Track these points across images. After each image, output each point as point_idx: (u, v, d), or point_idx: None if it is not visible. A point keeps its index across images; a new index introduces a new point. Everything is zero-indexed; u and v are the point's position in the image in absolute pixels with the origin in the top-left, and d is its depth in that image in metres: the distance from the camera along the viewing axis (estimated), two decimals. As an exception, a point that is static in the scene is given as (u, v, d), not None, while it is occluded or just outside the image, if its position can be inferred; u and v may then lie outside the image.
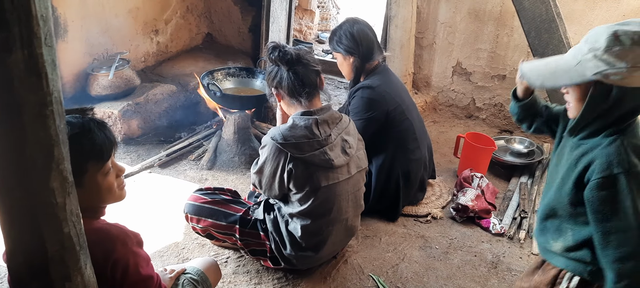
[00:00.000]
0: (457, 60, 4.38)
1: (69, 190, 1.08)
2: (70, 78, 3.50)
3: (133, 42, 4.03)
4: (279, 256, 2.33)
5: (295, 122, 2.15)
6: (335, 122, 2.22)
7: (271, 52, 2.18)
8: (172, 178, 3.24)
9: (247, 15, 4.74)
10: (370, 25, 2.89)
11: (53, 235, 1.09)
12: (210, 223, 2.37)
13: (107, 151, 1.46)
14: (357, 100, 2.77)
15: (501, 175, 3.54)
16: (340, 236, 2.38)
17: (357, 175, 2.32)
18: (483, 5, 4.08)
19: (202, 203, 2.40)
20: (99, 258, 1.37)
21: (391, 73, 2.98)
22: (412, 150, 2.87)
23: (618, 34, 1.34)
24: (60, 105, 1.00)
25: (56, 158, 1.02)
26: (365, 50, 2.78)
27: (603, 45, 1.36)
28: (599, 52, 1.37)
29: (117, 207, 1.62)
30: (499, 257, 2.70)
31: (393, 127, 2.81)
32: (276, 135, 2.11)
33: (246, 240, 2.37)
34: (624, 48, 1.33)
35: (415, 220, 2.98)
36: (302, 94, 2.17)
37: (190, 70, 4.19)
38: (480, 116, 4.47)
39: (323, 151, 2.13)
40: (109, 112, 3.42)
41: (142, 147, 3.55)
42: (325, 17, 6.68)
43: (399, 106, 2.81)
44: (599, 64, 1.37)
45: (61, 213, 1.08)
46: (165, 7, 4.31)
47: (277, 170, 2.13)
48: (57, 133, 1.00)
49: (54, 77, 0.97)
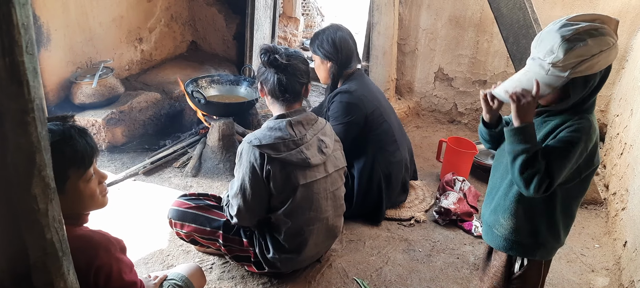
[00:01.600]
0: (439, 66, 4.44)
1: (51, 196, 1.09)
2: (54, 87, 3.49)
3: (117, 50, 4.03)
4: (262, 260, 2.35)
5: (269, 125, 2.21)
6: (311, 123, 2.28)
7: (263, 54, 2.23)
8: (157, 185, 3.24)
9: (232, 23, 4.77)
10: (352, 34, 2.94)
11: (35, 241, 1.09)
12: (193, 229, 2.39)
13: (88, 158, 1.47)
14: (336, 105, 2.81)
15: (483, 178, 3.60)
16: (322, 237, 2.40)
17: (334, 174, 2.36)
18: (463, 12, 4.15)
19: (186, 209, 2.42)
20: (82, 265, 1.37)
21: (367, 78, 3.04)
22: (392, 152, 2.92)
23: (567, 37, 1.48)
24: (41, 113, 1.01)
25: (38, 164, 1.02)
26: (344, 58, 2.83)
27: (562, 53, 1.49)
28: (561, 58, 1.50)
29: (101, 214, 1.63)
30: (481, 258, 2.74)
31: (372, 130, 2.86)
32: (252, 140, 2.16)
33: (229, 246, 2.39)
34: (578, 45, 1.47)
35: (398, 223, 3.02)
36: (282, 99, 2.23)
37: (174, 78, 4.19)
38: (462, 121, 4.53)
39: (299, 150, 2.18)
40: (93, 120, 3.42)
41: (127, 155, 3.55)
42: (310, 24, 6.72)
43: (376, 109, 2.86)
44: (566, 65, 1.50)
45: (43, 220, 1.08)
46: (149, 16, 4.32)
47: (257, 175, 2.16)
48: (38, 140, 1.01)
49: (36, 85, 0.98)
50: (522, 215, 1.75)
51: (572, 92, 1.56)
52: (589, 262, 2.76)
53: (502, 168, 1.83)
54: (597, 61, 1.49)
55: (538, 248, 1.78)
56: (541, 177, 1.55)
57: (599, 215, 3.19)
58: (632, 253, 2.51)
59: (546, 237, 1.75)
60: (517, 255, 1.83)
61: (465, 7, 4.13)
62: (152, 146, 3.66)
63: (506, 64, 4.08)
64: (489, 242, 1.91)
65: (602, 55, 1.48)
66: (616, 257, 2.75)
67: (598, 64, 1.50)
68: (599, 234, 3.01)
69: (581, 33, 1.48)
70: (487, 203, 1.92)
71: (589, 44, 1.47)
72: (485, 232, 1.92)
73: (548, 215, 1.72)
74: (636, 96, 3.15)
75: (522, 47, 2.95)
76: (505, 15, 2.93)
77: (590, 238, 2.97)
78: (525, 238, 1.77)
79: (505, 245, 1.82)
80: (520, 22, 2.92)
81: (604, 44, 1.48)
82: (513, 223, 1.77)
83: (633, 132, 3.04)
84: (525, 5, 2.90)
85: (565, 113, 1.62)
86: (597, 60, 1.48)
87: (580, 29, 1.48)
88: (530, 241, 1.77)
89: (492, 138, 1.88)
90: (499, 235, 1.83)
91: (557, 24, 1.54)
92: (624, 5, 3.59)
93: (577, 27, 1.49)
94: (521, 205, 1.74)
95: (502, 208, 1.80)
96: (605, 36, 1.48)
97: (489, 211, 1.88)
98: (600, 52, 1.47)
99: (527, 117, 1.59)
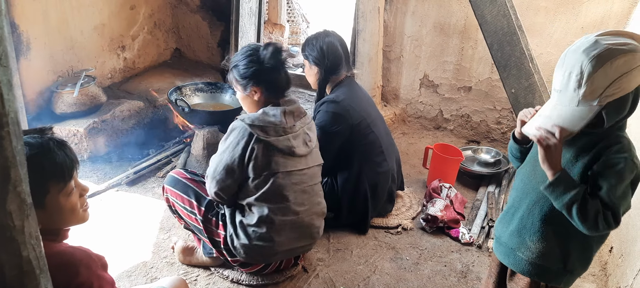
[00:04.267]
0: (424, 73, 4.45)
1: (27, 212, 1.05)
2: (34, 96, 3.43)
3: (99, 58, 3.97)
4: (232, 247, 2.34)
5: (265, 110, 2.25)
6: (300, 115, 2.35)
7: (273, 53, 2.25)
8: (140, 196, 3.19)
9: (216, 30, 4.74)
10: (343, 41, 2.93)
11: (11, 259, 1.06)
12: (179, 197, 2.44)
13: (68, 170, 1.43)
14: (322, 114, 2.79)
15: (469, 185, 3.60)
16: (297, 232, 2.37)
17: (314, 168, 2.41)
18: (448, 19, 4.17)
19: (181, 178, 2.49)
20: (62, 283, 1.33)
21: (357, 86, 3.01)
22: (379, 162, 2.90)
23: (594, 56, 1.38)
24: (17, 126, 0.98)
25: (13, 180, 0.99)
26: (331, 64, 2.83)
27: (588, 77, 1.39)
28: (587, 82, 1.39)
29: (83, 226, 1.59)
30: (468, 266, 2.73)
31: (358, 140, 2.84)
32: (245, 118, 2.21)
33: (206, 225, 2.41)
34: (608, 63, 1.37)
35: (386, 231, 3.00)
36: (281, 94, 2.33)
37: (158, 86, 4.14)
38: (448, 127, 4.54)
39: (287, 138, 2.23)
40: (75, 130, 3.36)
41: (109, 164, 3.49)
42: (295, 31, 6.71)
43: (363, 120, 2.84)
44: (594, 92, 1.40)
45: (19, 237, 1.05)
46: (132, 23, 4.27)
47: (242, 151, 2.19)
48: (13, 155, 0.97)
49: (10, 98, 0.94)
50: (552, 238, 1.65)
51: (607, 118, 1.45)
52: (575, 267, 2.77)
53: (522, 186, 1.74)
54: (627, 81, 1.38)
55: (564, 275, 1.69)
56: (603, 212, 1.46)
57: (584, 220, 3.21)
58: (618, 259, 2.52)
59: (575, 263, 1.67)
60: (542, 281, 1.72)
61: (449, 14, 4.15)
62: (135, 156, 3.61)
63: (491, 71, 4.10)
64: (511, 265, 1.79)
65: (633, 73, 1.37)
66: (602, 263, 2.76)
67: (629, 84, 1.39)
68: (584, 240, 3.02)
69: (609, 51, 1.37)
70: (504, 223, 1.82)
71: (617, 61, 1.36)
72: (505, 254, 1.80)
73: (582, 238, 1.61)
74: (619, 102, 3.18)
75: (506, 53, 2.97)
76: (490, 22, 2.95)
77: (576, 244, 2.98)
78: (553, 264, 1.68)
79: (531, 269, 1.71)
80: (505, 29, 2.94)
81: (632, 61, 1.37)
82: (542, 247, 1.67)
83: (617, 138, 3.06)
84: (509, 12, 2.92)
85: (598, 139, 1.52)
86: (627, 80, 1.38)
87: (608, 47, 1.37)
88: (559, 267, 1.68)
89: (523, 154, 1.80)
90: (524, 258, 1.72)
91: (583, 42, 1.43)
92: (607, 12, 3.63)
93: (604, 44, 1.38)
94: (552, 228, 1.65)
95: (530, 230, 1.69)
96: (636, 53, 1.37)
97: (508, 232, 1.78)
98: (630, 70, 1.37)
99: (555, 162, 1.49)
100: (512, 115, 4.11)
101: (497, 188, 3.45)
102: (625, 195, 1.48)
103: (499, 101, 4.19)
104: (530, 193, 1.70)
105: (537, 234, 1.68)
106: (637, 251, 2.28)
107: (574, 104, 1.44)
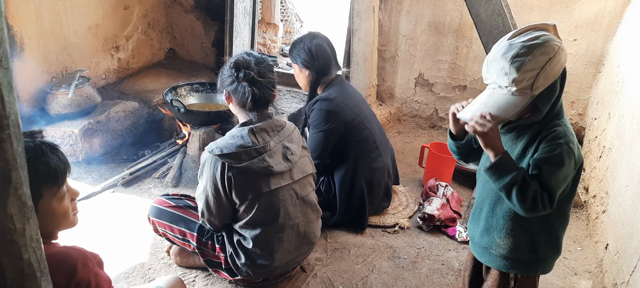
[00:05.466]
0: (419, 72, 4.46)
1: (28, 215, 1.05)
2: (28, 97, 3.40)
3: (93, 59, 3.95)
4: (233, 267, 2.32)
5: (232, 133, 2.19)
6: (276, 129, 2.24)
7: (236, 70, 2.19)
8: (137, 197, 3.17)
9: (210, 30, 4.72)
10: (329, 40, 2.94)
11: (12, 262, 1.05)
12: (169, 228, 2.39)
13: (62, 175, 1.42)
14: (315, 113, 2.80)
15: (465, 183, 3.61)
16: (294, 243, 2.35)
17: (302, 181, 2.33)
18: (442, 18, 4.18)
19: (165, 207, 2.42)
20: (61, 283, 1.33)
21: (348, 84, 3.02)
22: (374, 158, 2.91)
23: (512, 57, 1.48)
24: (17, 129, 0.97)
25: (14, 183, 0.98)
26: (321, 65, 2.83)
27: (515, 72, 1.48)
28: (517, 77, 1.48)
29: (81, 228, 1.58)
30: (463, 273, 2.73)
31: (353, 137, 2.85)
32: (213, 149, 2.14)
33: (202, 250, 2.37)
34: (527, 59, 1.46)
35: (383, 230, 3.00)
36: (252, 109, 2.22)
37: (152, 86, 4.13)
38: (443, 126, 4.55)
39: (261, 158, 2.15)
40: (69, 131, 3.34)
41: (105, 166, 3.47)
42: (289, 30, 6.71)
43: (357, 116, 2.85)
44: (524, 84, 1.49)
45: (20, 240, 1.04)
46: (126, 24, 4.25)
47: (219, 184, 2.15)
48: (14, 157, 0.97)
49: (11, 100, 0.94)
50: (518, 231, 1.72)
51: (540, 105, 1.55)
52: (571, 265, 2.78)
53: (482, 187, 1.82)
54: (550, 69, 1.48)
55: (539, 263, 1.75)
56: (541, 194, 1.53)
57: (579, 217, 3.23)
58: (614, 256, 2.54)
59: (546, 250, 1.73)
60: (519, 272, 1.78)
61: (444, 13, 4.16)
62: (130, 157, 3.59)
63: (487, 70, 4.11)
64: (488, 263, 1.84)
65: (553, 61, 1.48)
66: (598, 260, 2.78)
67: (553, 72, 1.49)
68: (580, 237, 3.04)
69: (525, 48, 1.47)
70: (474, 222, 1.89)
71: (536, 55, 1.46)
72: (481, 253, 1.87)
73: (545, 225, 1.69)
74: (613, 100, 3.20)
75: (502, 52, 2.98)
76: (485, 21, 2.95)
77: (572, 241, 3.00)
78: (525, 255, 1.74)
79: (506, 264, 1.77)
80: (500, 27, 2.94)
81: (549, 50, 1.47)
82: (511, 242, 1.73)
83: (611, 136, 3.08)
84: (504, 11, 2.92)
85: (537, 124, 1.61)
86: (550, 68, 1.48)
87: (522, 45, 1.47)
88: (531, 257, 1.74)
89: (460, 149, 1.87)
90: (497, 254, 1.78)
91: (499, 47, 1.53)
92: (600, 10, 3.65)
93: (519, 43, 1.48)
94: (515, 222, 1.71)
95: (496, 228, 1.76)
96: (548, 43, 1.47)
97: (479, 232, 1.84)
98: (549, 59, 1.47)
99: (496, 144, 1.57)
100: (507, 114, 4.13)
101: (492, 187, 3.46)
102: (564, 179, 1.56)
103: (493, 99, 4.20)
104: (490, 194, 1.78)
105: (503, 231, 1.74)
106: (633, 248, 2.30)
107: (509, 93, 1.53)
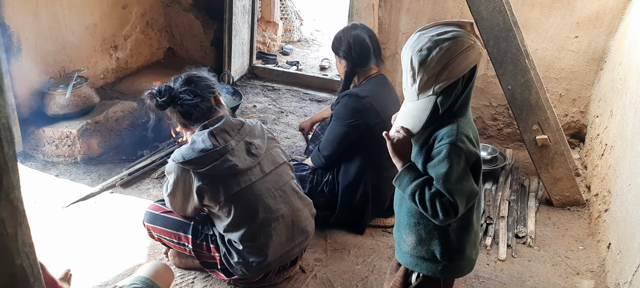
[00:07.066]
0: (420, 70, 4.43)
1: (20, 219, 1.03)
2: (25, 98, 3.39)
3: (91, 58, 3.93)
4: (228, 267, 2.30)
5: (192, 138, 2.19)
6: (236, 129, 2.23)
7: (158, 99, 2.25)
8: (135, 197, 3.15)
9: (209, 29, 4.70)
10: (372, 33, 2.86)
11: (4, 268, 1.03)
12: (163, 232, 2.39)
13: None
14: (341, 106, 2.76)
15: (466, 182, 3.58)
16: (286, 235, 2.32)
17: (275, 171, 2.31)
18: (443, 15, 4.15)
19: (159, 212, 2.41)
20: None
21: (387, 86, 2.89)
22: (387, 168, 2.74)
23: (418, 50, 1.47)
24: (9, 132, 0.95)
25: (5, 187, 0.96)
26: (357, 56, 2.76)
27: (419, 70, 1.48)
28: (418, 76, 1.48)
29: (80, 229, 1.56)
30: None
31: (370, 140, 2.73)
32: (177, 157, 2.15)
33: (197, 251, 2.36)
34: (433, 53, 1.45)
35: (383, 230, 2.98)
36: (194, 123, 2.24)
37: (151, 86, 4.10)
38: (443, 124, 4.52)
39: (224, 159, 2.14)
40: (67, 131, 3.32)
41: (103, 166, 3.45)
42: (289, 28, 6.67)
43: (382, 122, 2.70)
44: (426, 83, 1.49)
45: (12, 245, 1.02)
46: (124, 23, 4.23)
47: (188, 190, 2.18)
48: (5, 161, 0.95)
49: (2, 103, 0.92)
50: (420, 229, 1.69)
51: (441, 105, 1.51)
52: (573, 264, 2.76)
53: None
54: (456, 66, 1.45)
55: (440, 266, 1.69)
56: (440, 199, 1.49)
57: (581, 216, 3.21)
58: (616, 255, 2.51)
59: (444, 253, 1.67)
60: (422, 271, 1.73)
61: (444, 10, 4.13)
62: (129, 157, 3.57)
63: (486, 67, 4.09)
64: (399, 259, 1.82)
65: (459, 58, 1.45)
66: (600, 259, 2.76)
67: (458, 69, 1.46)
68: (582, 236, 3.02)
69: (431, 42, 1.45)
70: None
71: (441, 50, 1.44)
72: (397, 250, 1.84)
73: (440, 229, 1.65)
74: (615, 97, 3.18)
75: (502, 49, 2.95)
76: (486, 18, 2.93)
77: (574, 240, 2.97)
78: (425, 253, 1.70)
79: (411, 261, 1.74)
80: (500, 25, 2.92)
81: (457, 46, 1.44)
82: (414, 239, 1.71)
83: (613, 133, 3.06)
84: (505, 8, 2.90)
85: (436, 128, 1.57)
86: (456, 64, 1.45)
87: (430, 39, 1.46)
88: (431, 257, 1.69)
89: None
90: (405, 251, 1.76)
91: (410, 39, 1.52)
92: (602, 7, 3.63)
93: (427, 37, 1.47)
94: (415, 220, 1.69)
95: (402, 224, 1.75)
96: (457, 39, 1.45)
97: (395, 227, 1.84)
98: (455, 56, 1.44)
99: (402, 156, 1.58)
100: (508, 112, 4.10)
101: (494, 186, 3.44)
102: (460, 180, 1.50)
103: (495, 97, 4.18)
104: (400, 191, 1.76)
105: (407, 227, 1.73)
106: (636, 247, 2.28)
107: (415, 98, 1.53)
